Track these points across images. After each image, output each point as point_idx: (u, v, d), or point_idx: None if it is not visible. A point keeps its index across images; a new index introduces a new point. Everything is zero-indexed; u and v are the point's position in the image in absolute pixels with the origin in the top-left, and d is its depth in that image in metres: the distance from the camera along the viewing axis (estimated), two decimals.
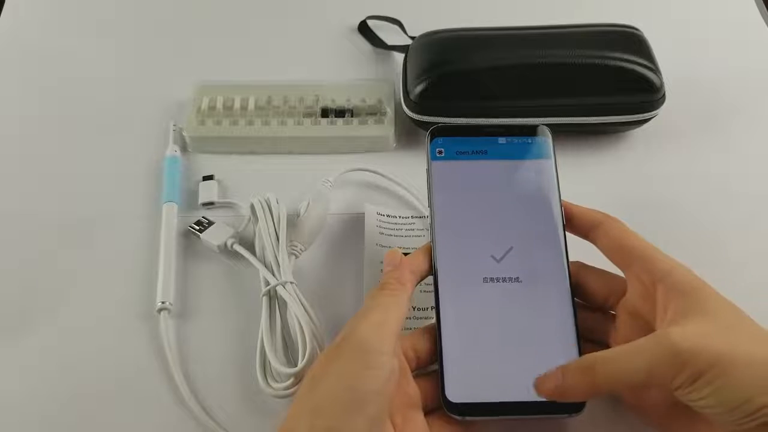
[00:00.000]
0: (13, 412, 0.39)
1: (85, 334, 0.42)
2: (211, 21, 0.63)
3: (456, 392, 0.35)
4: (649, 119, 0.50)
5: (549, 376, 0.32)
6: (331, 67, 0.59)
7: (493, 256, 0.38)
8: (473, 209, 0.39)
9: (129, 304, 0.43)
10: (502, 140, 0.41)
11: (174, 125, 0.52)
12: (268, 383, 0.38)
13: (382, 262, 0.44)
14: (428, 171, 0.40)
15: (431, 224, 0.39)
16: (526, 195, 0.39)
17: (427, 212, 0.46)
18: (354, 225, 0.47)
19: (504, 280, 0.37)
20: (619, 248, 0.36)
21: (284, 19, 0.63)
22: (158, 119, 0.53)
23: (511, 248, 0.38)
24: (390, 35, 0.60)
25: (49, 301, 0.43)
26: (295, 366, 0.37)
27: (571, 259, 0.38)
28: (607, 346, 0.36)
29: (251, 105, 0.52)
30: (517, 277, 0.37)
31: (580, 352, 0.35)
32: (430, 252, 0.38)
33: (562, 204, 0.39)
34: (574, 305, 0.37)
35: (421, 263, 0.37)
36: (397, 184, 0.48)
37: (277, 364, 0.38)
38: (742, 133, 0.53)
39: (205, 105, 0.52)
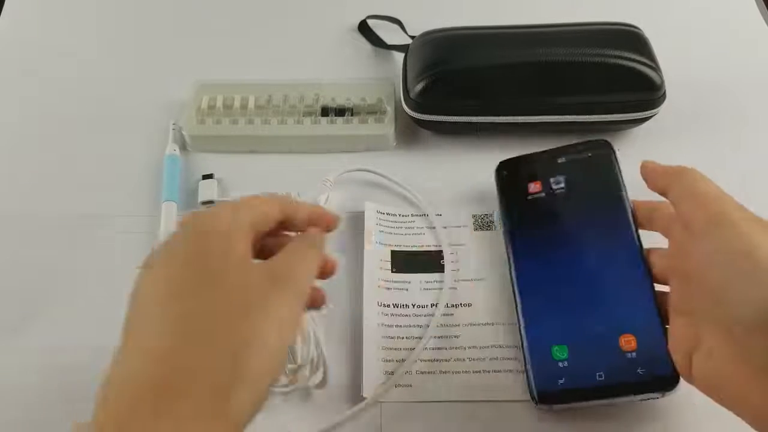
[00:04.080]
0: (12, 411, 0.39)
1: (84, 334, 0.41)
2: (211, 21, 0.63)
3: (544, 383, 0.36)
4: (650, 117, 0.50)
5: None
6: (331, 67, 0.59)
7: (569, 267, 0.39)
8: (547, 229, 0.41)
9: None
10: (561, 159, 0.44)
11: (174, 124, 0.52)
12: None
13: (382, 260, 0.44)
14: (500, 202, 0.44)
15: (507, 250, 0.42)
16: (596, 207, 0.41)
17: (426, 211, 0.46)
18: (354, 223, 0.47)
19: (583, 279, 0.39)
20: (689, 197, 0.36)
21: (284, 19, 0.63)
22: (158, 118, 0.53)
23: (588, 258, 0.39)
24: (390, 35, 0.60)
25: (49, 300, 0.43)
26: (294, 364, 0.37)
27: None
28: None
29: (251, 104, 0.52)
30: (596, 275, 0.39)
31: (664, 332, 0.35)
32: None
33: (632, 208, 0.40)
34: (655, 292, 0.37)
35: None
36: (396, 184, 0.48)
37: None
38: (741, 131, 0.53)
39: (204, 104, 0.52)
